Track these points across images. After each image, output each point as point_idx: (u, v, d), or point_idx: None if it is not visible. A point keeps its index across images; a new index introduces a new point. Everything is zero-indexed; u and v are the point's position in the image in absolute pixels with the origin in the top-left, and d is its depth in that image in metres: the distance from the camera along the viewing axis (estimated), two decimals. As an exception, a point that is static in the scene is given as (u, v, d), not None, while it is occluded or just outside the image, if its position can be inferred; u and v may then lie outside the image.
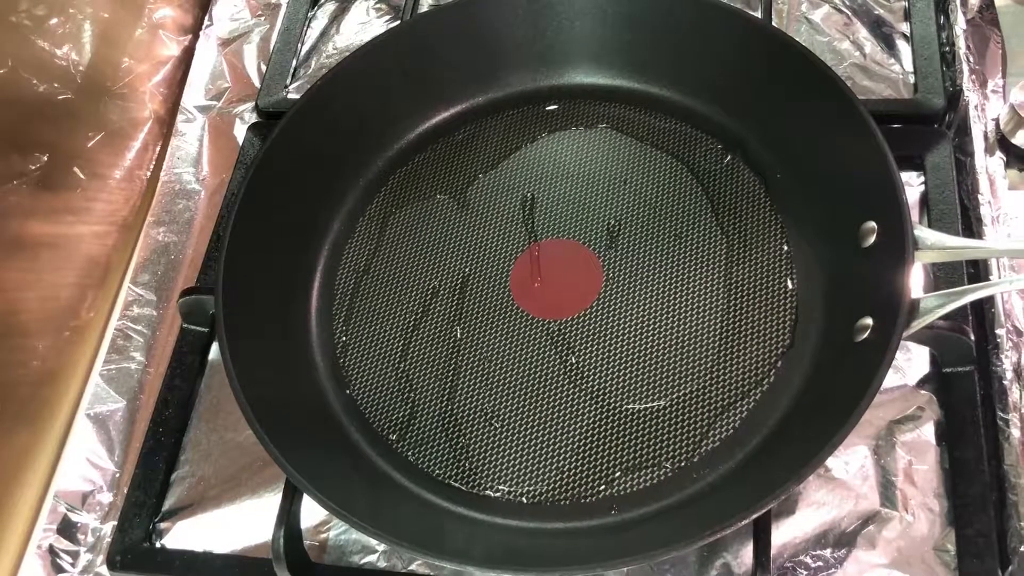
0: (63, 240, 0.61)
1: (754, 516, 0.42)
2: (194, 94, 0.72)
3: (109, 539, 0.54)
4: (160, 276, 0.64)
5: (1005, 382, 0.50)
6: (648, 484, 0.49)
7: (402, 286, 0.58)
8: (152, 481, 0.55)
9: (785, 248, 0.55)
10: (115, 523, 0.54)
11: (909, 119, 0.60)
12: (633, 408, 0.51)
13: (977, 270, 0.54)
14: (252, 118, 0.69)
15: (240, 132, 0.69)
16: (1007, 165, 0.58)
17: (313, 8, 0.74)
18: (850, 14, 0.67)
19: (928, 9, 0.65)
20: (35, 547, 0.55)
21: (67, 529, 0.55)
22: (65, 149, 0.62)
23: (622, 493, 0.49)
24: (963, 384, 0.51)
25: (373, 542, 0.52)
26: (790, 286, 0.53)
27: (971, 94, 0.60)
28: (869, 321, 0.47)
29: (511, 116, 0.64)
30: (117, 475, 0.57)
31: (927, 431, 0.50)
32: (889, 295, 0.45)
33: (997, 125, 0.59)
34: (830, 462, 0.50)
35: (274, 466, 0.46)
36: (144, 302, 0.63)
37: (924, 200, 0.57)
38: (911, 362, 0.52)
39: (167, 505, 0.55)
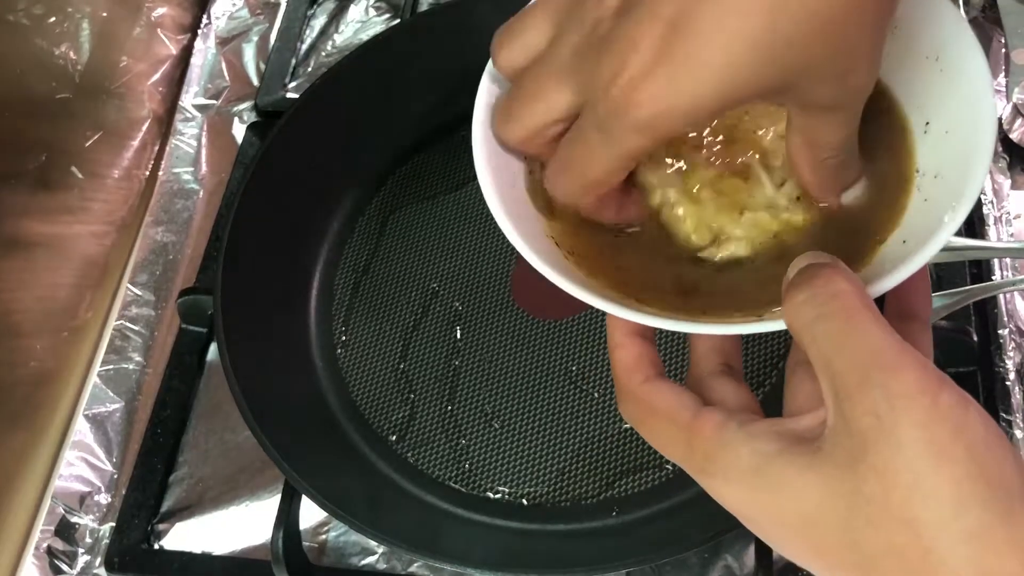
0: (61, 240, 0.61)
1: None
2: (192, 93, 0.72)
3: (107, 540, 0.54)
4: (158, 276, 0.64)
5: (1008, 383, 0.50)
6: (649, 486, 0.49)
7: (402, 286, 0.58)
8: (150, 482, 0.55)
9: (787, 248, 0.55)
10: (113, 524, 0.54)
11: (911, 119, 0.60)
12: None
13: (980, 270, 0.54)
14: (251, 117, 0.69)
15: (239, 131, 0.69)
16: (1010, 165, 0.58)
17: (312, 7, 0.74)
18: (852, 13, 0.66)
19: (930, 8, 0.64)
20: (33, 548, 0.55)
21: (65, 530, 0.55)
22: (63, 148, 0.61)
23: (623, 495, 0.49)
24: (966, 385, 0.50)
25: (372, 544, 0.52)
26: (792, 286, 0.53)
27: (973, 93, 0.60)
28: (872, 322, 0.47)
29: (511, 115, 0.64)
30: (115, 476, 0.56)
31: (929, 432, 0.50)
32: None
33: (1000, 124, 0.59)
34: (832, 463, 0.50)
35: (273, 467, 0.46)
36: (142, 302, 0.63)
37: (926, 200, 0.57)
38: (913, 363, 0.52)
39: (165, 506, 0.55)
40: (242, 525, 0.53)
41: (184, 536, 0.54)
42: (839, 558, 0.25)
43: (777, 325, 0.29)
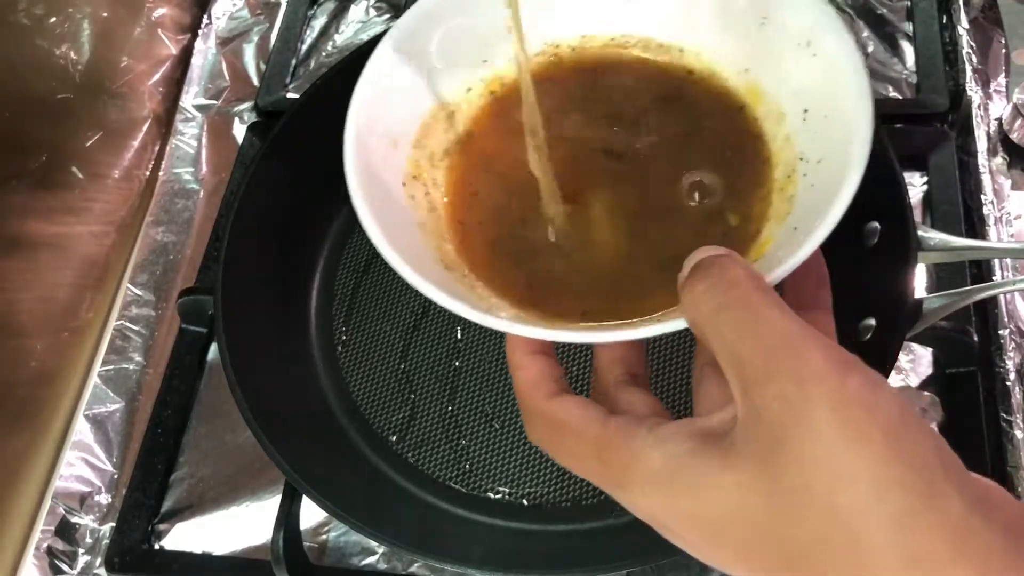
0: (61, 240, 0.61)
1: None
2: (193, 93, 0.72)
3: (107, 541, 0.54)
4: (159, 276, 0.64)
5: (1008, 383, 0.50)
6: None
7: (402, 286, 0.58)
8: (151, 482, 0.55)
9: (787, 248, 0.55)
10: (113, 524, 0.54)
11: (912, 119, 0.60)
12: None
13: (980, 271, 0.54)
14: (251, 118, 0.69)
15: (239, 132, 0.69)
16: (1010, 165, 0.58)
17: (313, 7, 0.74)
18: (853, 14, 0.67)
19: (931, 8, 0.64)
20: (33, 548, 0.55)
21: (65, 530, 0.55)
22: (63, 149, 0.61)
23: (623, 495, 0.49)
24: (966, 385, 0.51)
25: (373, 544, 0.52)
26: (792, 287, 0.53)
27: (974, 94, 0.60)
28: (872, 322, 0.47)
29: (512, 116, 0.64)
30: (116, 476, 0.56)
31: (930, 433, 0.50)
32: (892, 296, 0.45)
33: (1000, 125, 0.59)
34: (832, 464, 0.50)
35: (273, 467, 0.46)
36: (143, 302, 0.63)
37: (927, 201, 0.57)
38: (914, 363, 0.52)
39: (166, 506, 0.55)
40: (242, 525, 0.53)
41: (184, 536, 0.54)
42: (766, 557, 0.24)
43: (678, 324, 0.29)
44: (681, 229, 0.35)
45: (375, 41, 0.60)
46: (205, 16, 0.75)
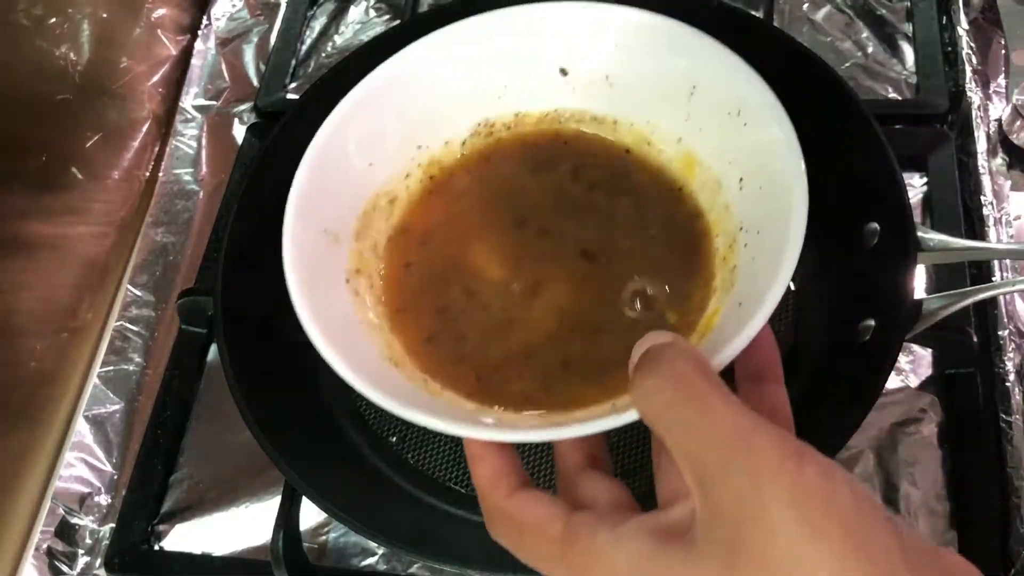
0: (61, 241, 0.61)
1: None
2: (192, 94, 0.72)
3: (107, 541, 0.54)
4: (158, 277, 0.64)
5: (1008, 384, 0.50)
6: (649, 487, 0.49)
7: (402, 287, 0.58)
8: (150, 483, 0.55)
9: (787, 249, 0.55)
10: (113, 525, 0.54)
11: (911, 120, 0.60)
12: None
13: (980, 271, 0.54)
14: (251, 118, 0.69)
15: (239, 132, 0.69)
16: (1009, 166, 0.58)
17: (312, 7, 0.74)
18: (852, 14, 0.67)
19: (930, 9, 0.64)
20: (33, 549, 0.55)
21: (65, 531, 0.55)
22: (63, 149, 0.61)
23: (623, 496, 0.49)
24: (966, 386, 0.51)
25: (373, 545, 0.52)
26: (792, 288, 0.53)
27: (973, 95, 0.60)
28: (871, 323, 0.47)
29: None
30: (115, 477, 0.56)
31: (929, 433, 0.50)
32: (892, 297, 0.45)
33: (1000, 126, 0.59)
34: (832, 464, 0.50)
35: (273, 468, 0.46)
36: (142, 303, 0.63)
37: (927, 201, 0.57)
38: (914, 364, 0.52)
39: (166, 507, 0.55)
40: (242, 526, 0.53)
41: (184, 537, 0.54)
42: None
43: (631, 416, 0.28)
44: (624, 326, 0.35)
45: (375, 42, 0.61)
46: (205, 17, 0.75)
